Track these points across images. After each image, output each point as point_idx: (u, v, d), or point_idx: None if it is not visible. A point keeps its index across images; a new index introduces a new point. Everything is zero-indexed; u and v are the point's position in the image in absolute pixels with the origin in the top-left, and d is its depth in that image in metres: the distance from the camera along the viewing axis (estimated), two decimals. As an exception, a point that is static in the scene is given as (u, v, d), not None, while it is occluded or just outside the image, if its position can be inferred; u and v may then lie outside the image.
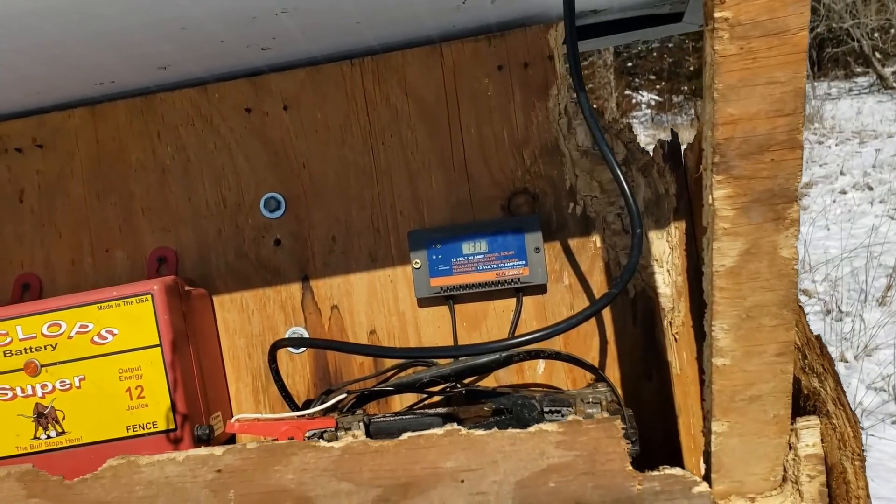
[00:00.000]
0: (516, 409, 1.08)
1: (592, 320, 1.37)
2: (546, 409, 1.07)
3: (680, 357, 1.33)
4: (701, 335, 0.98)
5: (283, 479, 0.96)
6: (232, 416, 1.42)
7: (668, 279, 1.33)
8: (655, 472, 0.93)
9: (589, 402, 1.07)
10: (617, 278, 1.16)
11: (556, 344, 1.36)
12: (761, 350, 0.86)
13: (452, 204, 1.39)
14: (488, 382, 1.39)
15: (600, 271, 1.36)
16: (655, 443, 1.33)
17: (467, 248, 1.35)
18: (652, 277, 1.34)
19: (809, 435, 0.92)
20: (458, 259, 1.35)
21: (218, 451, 0.97)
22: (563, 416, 1.08)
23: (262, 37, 1.26)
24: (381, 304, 1.39)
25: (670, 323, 1.33)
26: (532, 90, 1.37)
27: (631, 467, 0.93)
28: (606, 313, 1.37)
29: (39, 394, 1.24)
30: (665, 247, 1.34)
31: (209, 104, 1.42)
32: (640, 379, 1.35)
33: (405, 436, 0.95)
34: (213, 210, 1.42)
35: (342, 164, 1.40)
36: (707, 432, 0.94)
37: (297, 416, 1.12)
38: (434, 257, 1.35)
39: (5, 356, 1.24)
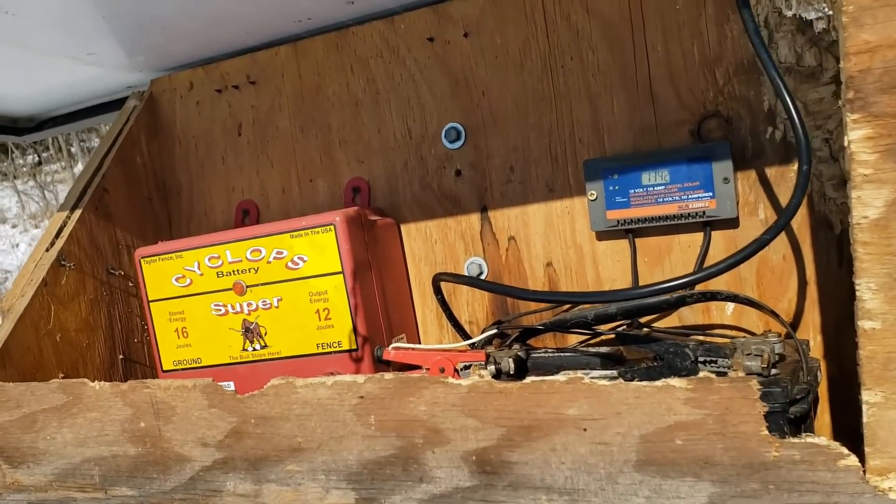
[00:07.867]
0: (668, 357, 1.02)
1: (790, 258, 1.23)
2: (700, 359, 0.99)
3: (893, 304, 1.15)
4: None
5: (417, 409, 1.00)
6: (418, 339, 1.49)
7: (883, 214, 1.15)
8: (796, 440, 0.83)
9: (750, 354, 0.97)
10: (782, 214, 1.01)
11: (747, 285, 1.24)
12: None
13: (635, 130, 1.30)
14: (671, 321, 1.31)
15: (802, 203, 1.21)
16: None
17: (647, 178, 1.27)
18: (864, 212, 1.16)
19: None
20: (637, 190, 1.27)
21: (360, 378, 1.03)
22: (718, 366, 0.99)
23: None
24: (558, 235, 1.35)
25: (883, 265, 1.15)
26: (727, 0, 1.22)
27: (767, 432, 0.84)
28: (807, 250, 1.22)
29: (246, 311, 1.39)
30: (882, 176, 1.15)
31: (396, 35, 1.45)
32: (842, 326, 1.20)
33: (528, 380, 0.94)
34: (399, 142, 1.46)
35: (521, 91, 1.36)
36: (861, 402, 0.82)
37: (450, 349, 1.15)
38: (610, 188, 1.28)
39: (218, 276, 1.40)
